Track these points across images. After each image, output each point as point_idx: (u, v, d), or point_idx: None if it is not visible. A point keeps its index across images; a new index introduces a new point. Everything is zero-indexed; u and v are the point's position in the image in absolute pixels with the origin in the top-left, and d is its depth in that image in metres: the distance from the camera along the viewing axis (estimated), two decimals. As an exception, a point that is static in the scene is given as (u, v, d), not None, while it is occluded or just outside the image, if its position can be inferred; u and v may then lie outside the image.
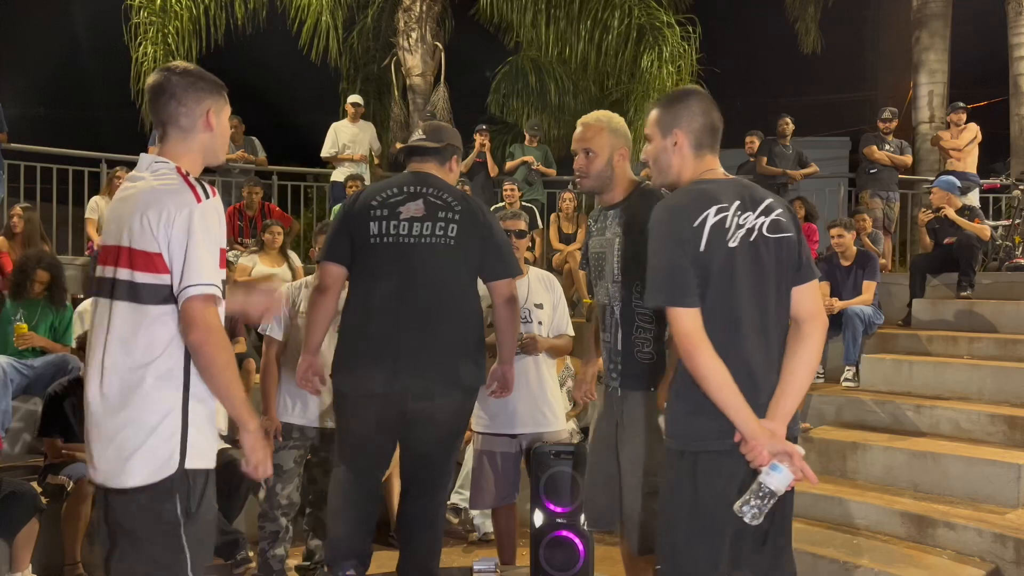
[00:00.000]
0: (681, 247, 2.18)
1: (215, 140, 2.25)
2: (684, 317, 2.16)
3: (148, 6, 10.11)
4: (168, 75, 2.20)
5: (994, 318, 6.18)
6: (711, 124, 2.39)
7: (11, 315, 5.11)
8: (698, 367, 2.14)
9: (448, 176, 3.28)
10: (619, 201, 2.98)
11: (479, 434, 3.84)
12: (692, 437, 2.23)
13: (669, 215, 2.25)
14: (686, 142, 2.37)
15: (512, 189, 8.11)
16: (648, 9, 10.32)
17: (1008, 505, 4.23)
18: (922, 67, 10.76)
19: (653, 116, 2.43)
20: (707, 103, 2.40)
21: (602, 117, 3.04)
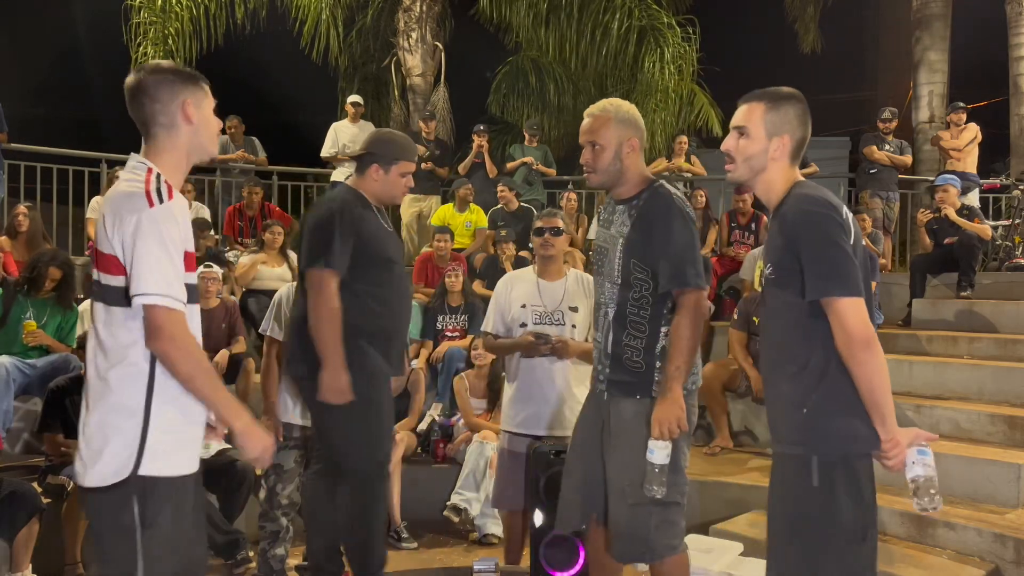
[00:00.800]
0: (847, 237, 2.11)
1: (199, 133, 2.19)
2: (860, 308, 2.07)
3: (148, 6, 10.11)
4: (141, 75, 2.18)
5: (994, 318, 6.18)
6: (807, 137, 2.30)
7: (21, 313, 5.12)
8: (874, 362, 2.06)
9: (369, 184, 3.22)
10: (630, 197, 2.82)
11: (506, 432, 3.83)
12: (852, 441, 2.13)
13: (830, 204, 2.14)
14: (788, 150, 2.26)
15: (504, 190, 8.09)
16: (648, 10, 10.32)
17: (1008, 505, 4.23)
18: (922, 67, 10.76)
19: (757, 109, 2.26)
20: (809, 115, 2.30)
21: (608, 107, 2.83)
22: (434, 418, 5.69)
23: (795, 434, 2.17)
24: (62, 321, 5.27)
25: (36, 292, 5.19)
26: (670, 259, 2.71)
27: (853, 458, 2.12)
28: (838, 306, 2.07)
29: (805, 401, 2.13)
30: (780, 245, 2.18)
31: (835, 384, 2.11)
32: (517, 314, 3.75)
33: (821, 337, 2.12)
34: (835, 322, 2.07)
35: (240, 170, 8.96)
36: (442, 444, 5.45)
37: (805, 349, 2.15)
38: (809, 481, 2.11)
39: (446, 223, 8.02)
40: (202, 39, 10.36)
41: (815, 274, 2.09)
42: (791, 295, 2.15)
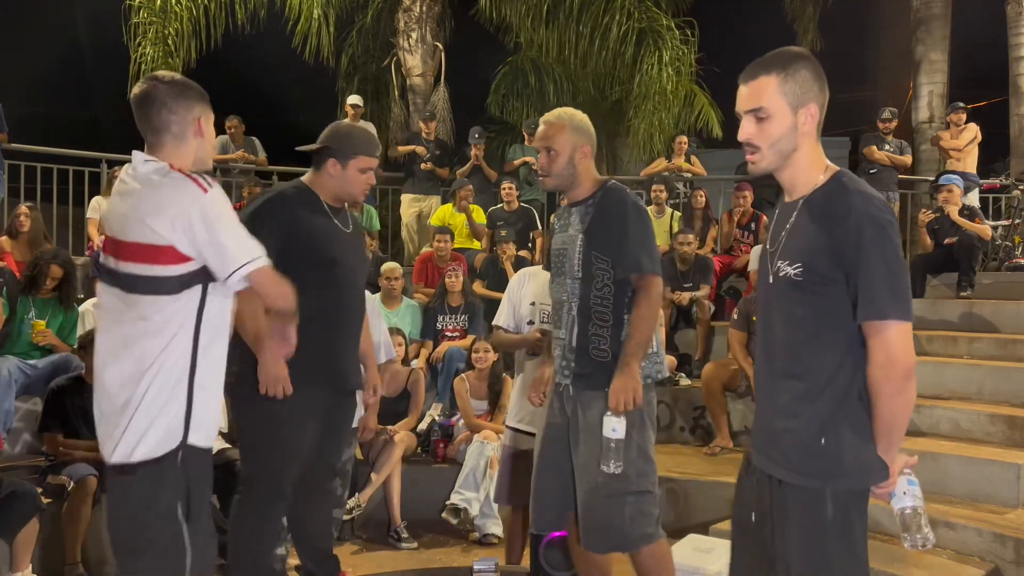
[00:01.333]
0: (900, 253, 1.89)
1: (204, 146, 2.33)
2: (910, 336, 1.85)
3: (148, 6, 10.11)
4: (156, 84, 2.26)
5: (994, 318, 6.18)
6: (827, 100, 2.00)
7: (24, 313, 5.13)
8: (910, 394, 1.88)
9: (325, 181, 3.12)
10: (584, 199, 2.99)
11: (510, 428, 3.84)
12: (868, 473, 1.94)
13: (889, 214, 1.89)
14: (819, 120, 1.95)
15: (510, 188, 8.11)
16: (648, 12, 10.32)
17: (1008, 505, 4.23)
18: (922, 67, 10.76)
19: (770, 83, 1.91)
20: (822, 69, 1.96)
21: (563, 115, 3.01)
22: (434, 418, 5.69)
23: (810, 464, 1.93)
24: (64, 321, 5.27)
25: (38, 291, 5.20)
26: (627, 248, 2.86)
27: (863, 490, 1.97)
28: (892, 331, 1.83)
29: (824, 428, 1.91)
30: (822, 247, 1.87)
31: (856, 411, 1.91)
32: (527, 311, 3.77)
33: (849, 356, 1.90)
34: (880, 347, 1.84)
35: (240, 170, 8.96)
36: (442, 444, 5.45)
37: (827, 368, 1.91)
38: (824, 515, 1.92)
39: (446, 223, 8.02)
40: (201, 39, 10.36)
41: (876, 293, 1.83)
42: (820, 305, 1.90)
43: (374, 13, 11.76)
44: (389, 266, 6.33)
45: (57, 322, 5.24)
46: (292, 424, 3.00)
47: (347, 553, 4.41)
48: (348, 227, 3.20)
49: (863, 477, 1.93)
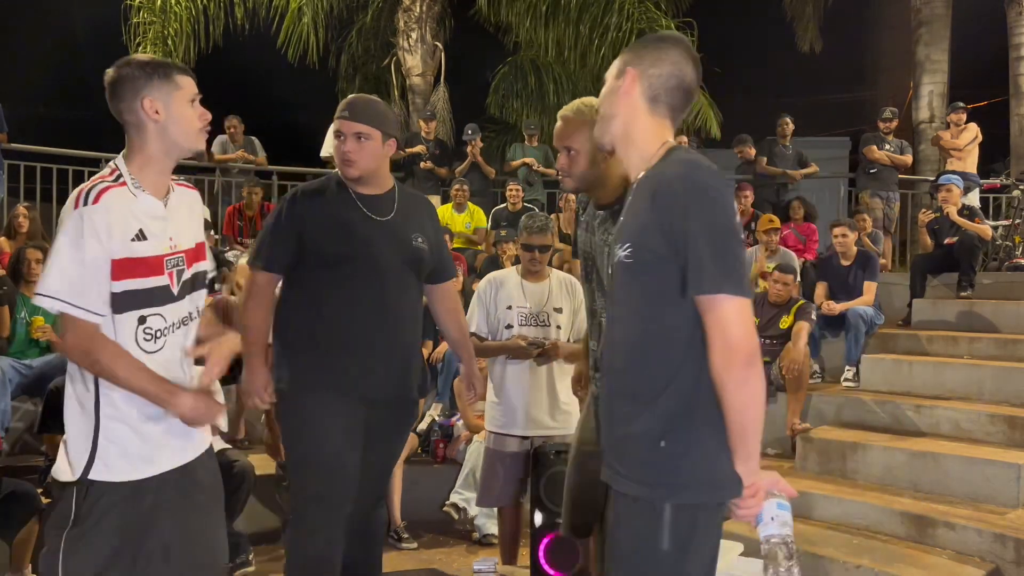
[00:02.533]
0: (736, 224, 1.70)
1: (168, 128, 2.05)
2: (748, 314, 1.65)
3: (147, 7, 10.12)
4: (112, 71, 2.06)
5: (994, 318, 6.18)
6: (682, 84, 1.84)
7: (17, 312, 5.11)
8: (753, 383, 1.64)
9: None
10: (610, 203, 2.57)
11: (491, 432, 3.85)
12: (718, 487, 1.70)
13: (720, 183, 1.71)
14: (638, 87, 1.83)
15: (516, 189, 8.14)
16: (647, 13, 10.32)
17: (1008, 505, 4.23)
18: (922, 67, 10.76)
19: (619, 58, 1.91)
20: (687, 55, 1.86)
21: (583, 108, 2.53)
22: (434, 418, 5.69)
23: (646, 472, 1.69)
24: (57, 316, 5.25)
25: (26, 285, 5.18)
26: None
27: (714, 506, 1.71)
28: (726, 308, 1.62)
29: (665, 431, 1.67)
30: (649, 221, 1.69)
31: (704, 411, 1.67)
32: (503, 315, 3.79)
33: (692, 349, 1.67)
34: (716, 327, 1.63)
35: (240, 170, 8.96)
36: (442, 444, 5.45)
37: (670, 363, 1.69)
38: (658, 532, 1.67)
39: (446, 223, 8.02)
40: (201, 39, 10.36)
41: (704, 264, 1.62)
42: (655, 288, 1.69)
43: (374, 13, 11.75)
44: (389, 266, 6.32)
45: (50, 317, 5.23)
46: (315, 437, 2.78)
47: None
48: (387, 215, 2.89)
49: (710, 491, 1.69)
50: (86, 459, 1.99)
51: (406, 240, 2.93)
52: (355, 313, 2.81)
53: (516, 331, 3.75)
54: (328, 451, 2.78)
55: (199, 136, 2.14)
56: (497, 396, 3.82)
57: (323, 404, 2.77)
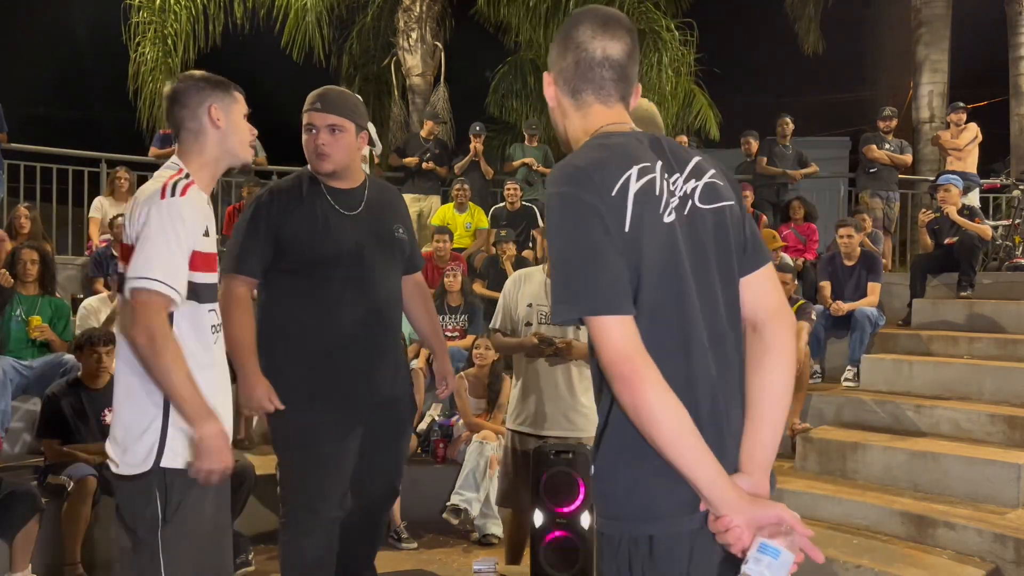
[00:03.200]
0: (601, 226, 1.41)
1: (227, 137, 2.28)
2: (616, 330, 1.40)
3: (147, 6, 10.12)
4: (176, 84, 2.30)
5: (994, 318, 6.18)
6: (587, 56, 1.57)
7: (12, 312, 5.11)
8: (645, 405, 1.38)
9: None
10: None
11: (510, 431, 3.84)
12: (646, 514, 1.44)
13: (573, 182, 1.44)
14: (556, 88, 1.64)
15: (515, 189, 8.15)
16: (648, 14, 10.32)
17: (1008, 505, 4.23)
18: (922, 67, 10.76)
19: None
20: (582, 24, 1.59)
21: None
22: (434, 418, 5.69)
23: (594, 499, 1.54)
24: (54, 316, 5.26)
25: (21, 284, 5.18)
26: None
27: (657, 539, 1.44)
28: (591, 328, 1.43)
29: (593, 456, 1.52)
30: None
31: (619, 429, 1.46)
32: (523, 313, 3.76)
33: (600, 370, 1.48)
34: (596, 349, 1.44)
35: (240, 170, 8.94)
36: (442, 444, 5.45)
37: (598, 383, 1.54)
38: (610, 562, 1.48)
39: (446, 223, 8.03)
40: (201, 39, 10.37)
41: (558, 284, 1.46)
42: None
43: (374, 13, 11.76)
44: (389, 266, 6.33)
45: (47, 315, 5.24)
46: (304, 442, 2.77)
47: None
48: (361, 209, 2.85)
49: (639, 520, 1.45)
50: (156, 448, 2.10)
51: (387, 232, 2.91)
52: (341, 314, 2.77)
53: (534, 329, 3.73)
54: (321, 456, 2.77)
55: (249, 148, 2.38)
56: (519, 394, 3.81)
57: (316, 412, 2.75)
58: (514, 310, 3.79)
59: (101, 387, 4.39)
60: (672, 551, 1.44)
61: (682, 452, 1.38)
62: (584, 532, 3.38)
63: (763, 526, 1.40)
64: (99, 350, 4.34)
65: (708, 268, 1.50)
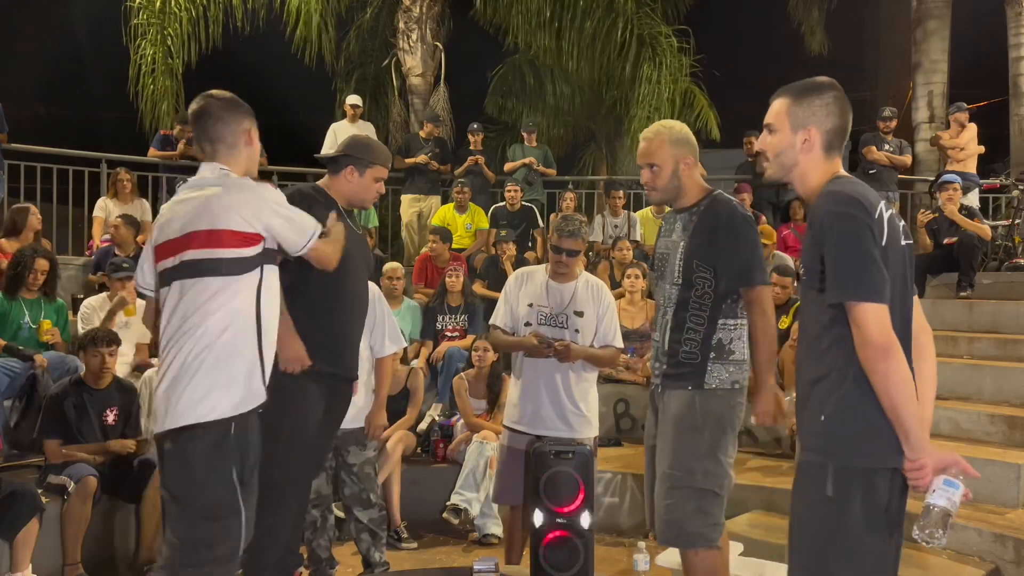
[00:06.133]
0: (872, 237, 2.01)
1: (254, 155, 2.68)
2: (879, 315, 1.96)
3: (148, 7, 10.12)
4: (211, 100, 2.59)
5: (994, 318, 6.18)
6: (844, 125, 2.24)
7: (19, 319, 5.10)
8: (897, 370, 1.95)
9: (341, 186, 3.27)
10: (690, 205, 3.02)
11: (506, 428, 3.84)
12: (867, 455, 2.02)
13: (858, 202, 2.04)
14: (818, 141, 2.21)
15: (515, 190, 8.16)
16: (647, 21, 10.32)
17: (1008, 505, 4.23)
18: (922, 67, 10.76)
19: (781, 105, 2.24)
20: (844, 102, 2.24)
21: (662, 130, 3.05)
22: (434, 418, 5.69)
23: (812, 440, 2.10)
24: (56, 319, 5.26)
25: (26, 289, 5.17)
26: (738, 259, 2.91)
27: (871, 472, 2.02)
28: (857, 312, 1.98)
29: (824, 408, 2.07)
30: (808, 245, 2.13)
31: (853, 393, 2.03)
32: (523, 312, 3.77)
33: (843, 342, 2.03)
34: (855, 329, 1.99)
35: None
36: (442, 444, 5.45)
37: (827, 354, 2.08)
38: (823, 491, 2.03)
39: (446, 224, 8.03)
40: (201, 40, 10.37)
41: (834, 277, 2.02)
42: (817, 297, 2.08)
43: (373, 13, 11.76)
44: (391, 266, 6.34)
45: (52, 319, 5.24)
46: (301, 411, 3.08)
47: (347, 553, 4.41)
48: (358, 229, 3.39)
49: (863, 457, 2.01)
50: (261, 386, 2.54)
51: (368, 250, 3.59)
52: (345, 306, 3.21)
53: (533, 329, 3.73)
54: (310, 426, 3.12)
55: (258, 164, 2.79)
56: (516, 393, 3.82)
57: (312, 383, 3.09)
58: (515, 308, 3.80)
59: (104, 387, 4.40)
60: (883, 484, 2.01)
61: (910, 410, 1.95)
62: (584, 532, 3.39)
63: (943, 467, 1.95)
64: (102, 350, 4.34)
65: (907, 286, 2.13)
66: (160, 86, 10.05)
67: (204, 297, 2.45)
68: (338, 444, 3.94)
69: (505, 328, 3.82)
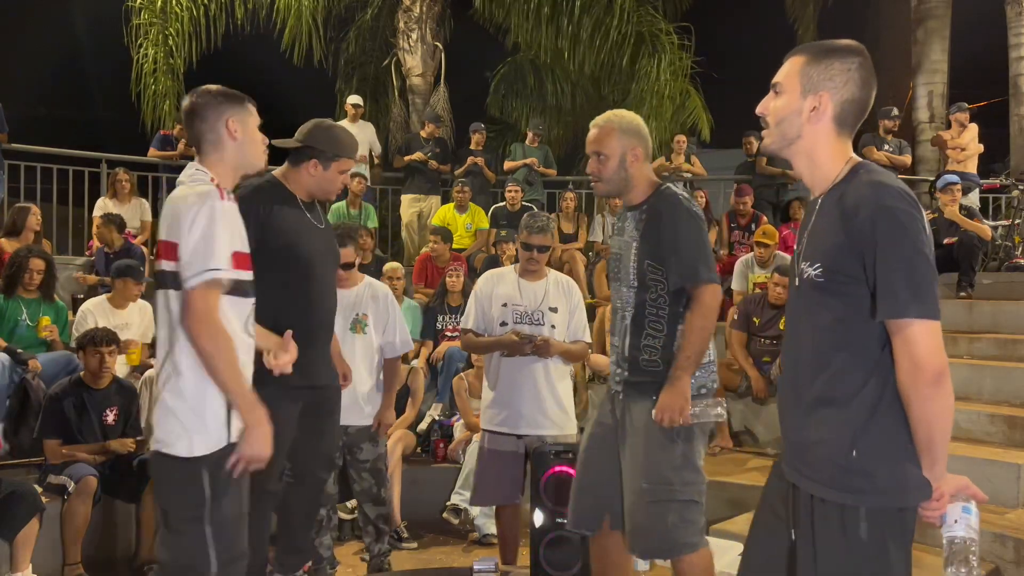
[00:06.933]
0: (931, 245, 1.75)
1: (243, 148, 2.44)
2: (938, 335, 1.73)
3: (148, 7, 10.13)
4: (193, 97, 2.43)
5: (994, 318, 6.18)
6: (865, 100, 1.85)
7: (16, 316, 5.10)
8: (942, 400, 1.74)
9: (302, 178, 3.13)
10: (639, 203, 2.88)
11: (486, 431, 3.86)
12: (908, 491, 1.78)
13: (912, 200, 1.74)
14: (830, 112, 1.84)
15: (516, 191, 8.15)
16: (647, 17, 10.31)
17: (1008, 505, 4.22)
18: (922, 67, 10.76)
19: (794, 64, 1.87)
20: (870, 72, 1.84)
21: (612, 118, 2.89)
22: (434, 418, 5.69)
23: (842, 479, 1.79)
24: (54, 318, 5.27)
25: (23, 289, 5.17)
26: (682, 257, 2.76)
27: (904, 511, 1.79)
28: (913, 330, 1.71)
29: (856, 440, 1.77)
30: (840, 243, 1.76)
31: (890, 421, 1.77)
32: (497, 312, 3.82)
33: (877, 362, 1.77)
34: (903, 348, 1.72)
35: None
36: (442, 444, 5.45)
37: (856, 375, 1.79)
38: (858, 535, 1.76)
39: (447, 224, 8.03)
40: (202, 40, 10.37)
41: (894, 289, 1.70)
42: (845, 306, 1.78)
43: (373, 13, 11.76)
44: (391, 266, 6.34)
45: (53, 315, 5.24)
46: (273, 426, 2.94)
47: (348, 553, 4.41)
48: (321, 223, 3.17)
49: (901, 495, 1.77)
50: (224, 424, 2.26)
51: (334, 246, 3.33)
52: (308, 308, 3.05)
53: (510, 328, 3.77)
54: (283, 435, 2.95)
55: (263, 156, 2.55)
56: (492, 394, 3.83)
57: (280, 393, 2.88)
58: (487, 310, 3.84)
59: (103, 387, 4.40)
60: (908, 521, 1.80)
61: (947, 441, 1.76)
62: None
63: (956, 493, 1.79)
64: (102, 350, 4.34)
65: None
66: (161, 86, 10.06)
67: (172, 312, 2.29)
68: (348, 442, 3.95)
69: (477, 331, 3.86)
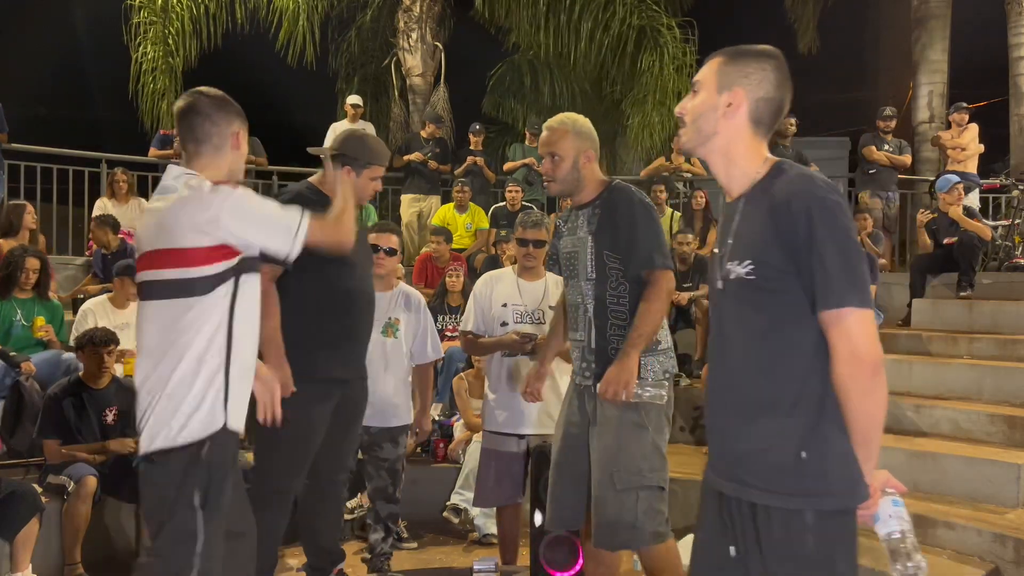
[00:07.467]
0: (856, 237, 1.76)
1: (239, 159, 2.47)
2: (872, 324, 1.69)
3: (148, 6, 10.13)
4: (200, 97, 2.41)
5: (994, 318, 6.18)
6: (779, 101, 1.85)
7: (11, 316, 5.10)
8: (880, 392, 1.69)
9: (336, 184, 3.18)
10: (590, 200, 3.00)
11: (487, 432, 3.85)
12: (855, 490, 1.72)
13: (837, 191, 1.75)
14: (744, 109, 1.82)
15: (516, 191, 8.16)
16: (648, 12, 10.31)
17: (1008, 505, 4.23)
18: (922, 67, 10.75)
19: (712, 64, 1.86)
20: (785, 76, 1.85)
21: (566, 120, 3.04)
22: (434, 418, 5.68)
23: (790, 482, 1.71)
24: (50, 318, 5.26)
25: (19, 289, 5.16)
26: (637, 245, 2.87)
27: (846, 513, 1.73)
28: (852, 320, 1.66)
29: (806, 442, 1.71)
30: (769, 238, 1.72)
31: (832, 421, 1.71)
32: (498, 313, 3.82)
33: (818, 359, 1.72)
34: (842, 339, 1.67)
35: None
36: (442, 444, 5.45)
37: (798, 374, 1.73)
38: (805, 541, 1.70)
39: (447, 223, 8.03)
40: (202, 39, 10.37)
41: (832, 278, 1.67)
42: (779, 303, 1.74)
43: (373, 13, 11.76)
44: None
45: (49, 315, 5.24)
46: (303, 419, 3.04)
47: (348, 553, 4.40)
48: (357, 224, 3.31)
49: (851, 495, 1.72)
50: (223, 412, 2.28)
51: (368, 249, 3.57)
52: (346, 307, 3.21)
53: (511, 328, 3.76)
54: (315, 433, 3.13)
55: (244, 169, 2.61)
56: (493, 395, 3.83)
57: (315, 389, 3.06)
58: (487, 311, 3.84)
59: (103, 387, 4.40)
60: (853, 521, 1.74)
61: (879, 434, 1.72)
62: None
63: (883, 488, 1.76)
64: (101, 350, 4.34)
65: None
66: (160, 85, 10.06)
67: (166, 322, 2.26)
68: (369, 441, 3.95)
69: (477, 332, 3.87)
